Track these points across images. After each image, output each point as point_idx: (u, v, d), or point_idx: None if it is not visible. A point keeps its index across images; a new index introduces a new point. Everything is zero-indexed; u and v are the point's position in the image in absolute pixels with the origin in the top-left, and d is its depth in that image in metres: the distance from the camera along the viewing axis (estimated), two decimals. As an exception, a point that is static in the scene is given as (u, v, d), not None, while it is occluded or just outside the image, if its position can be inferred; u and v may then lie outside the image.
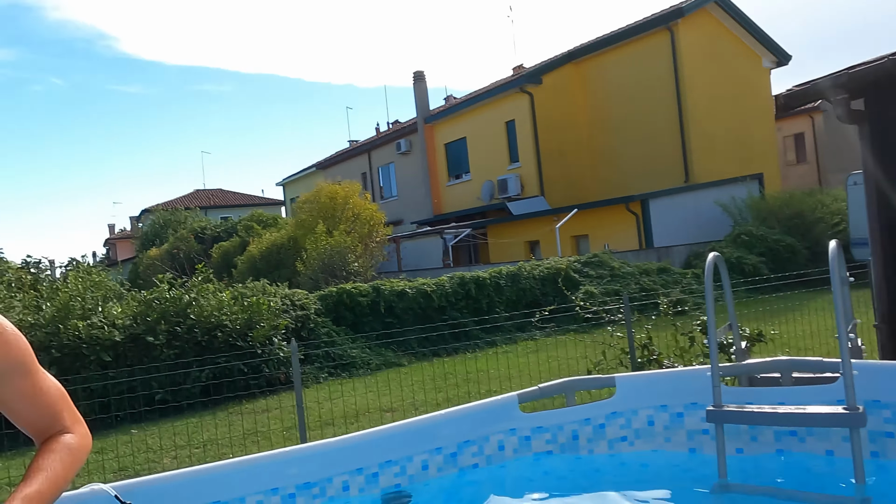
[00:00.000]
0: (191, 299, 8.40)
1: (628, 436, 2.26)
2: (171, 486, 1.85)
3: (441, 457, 2.13)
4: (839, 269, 1.87)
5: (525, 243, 18.60)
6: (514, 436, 2.22)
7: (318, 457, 1.99)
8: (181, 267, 19.24)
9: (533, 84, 20.78)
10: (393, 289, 10.65)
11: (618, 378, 2.29)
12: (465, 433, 2.16)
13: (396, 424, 2.11)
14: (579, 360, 6.65)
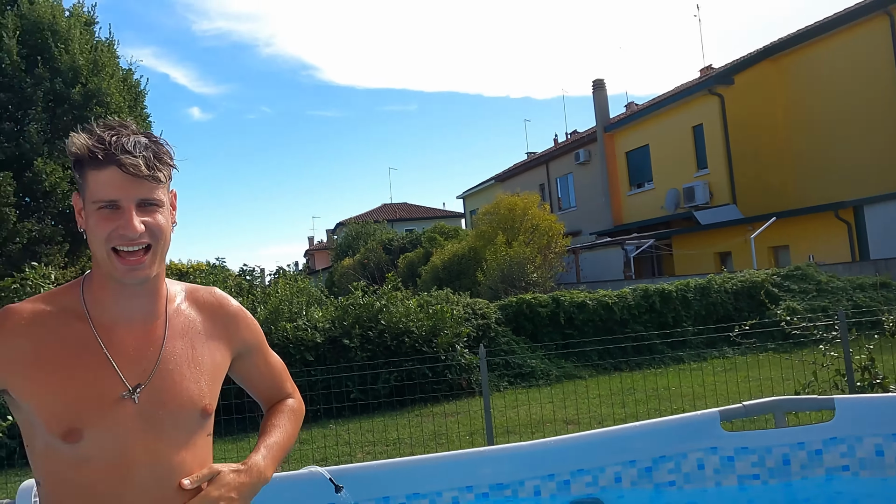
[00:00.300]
0: (381, 306, 8.95)
1: (851, 465, 2.03)
2: (376, 474, 1.99)
3: (635, 470, 2.07)
4: None
5: (715, 255, 17.41)
6: (714, 455, 2.09)
7: (511, 458, 2.03)
8: (371, 276, 20.60)
9: (723, 85, 19.46)
10: (573, 300, 10.52)
11: (838, 400, 2.06)
12: (661, 448, 2.08)
13: (589, 433, 2.08)
14: (783, 381, 6.08)
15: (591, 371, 9.72)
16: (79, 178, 1.20)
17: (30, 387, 1.16)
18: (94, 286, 1.24)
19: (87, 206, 1.18)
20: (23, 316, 1.19)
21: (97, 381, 1.17)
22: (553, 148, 30.36)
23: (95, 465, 1.15)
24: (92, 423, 1.15)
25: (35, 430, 1.18)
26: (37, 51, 13.52)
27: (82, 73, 13.82)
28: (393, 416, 7.84)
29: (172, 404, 1.22)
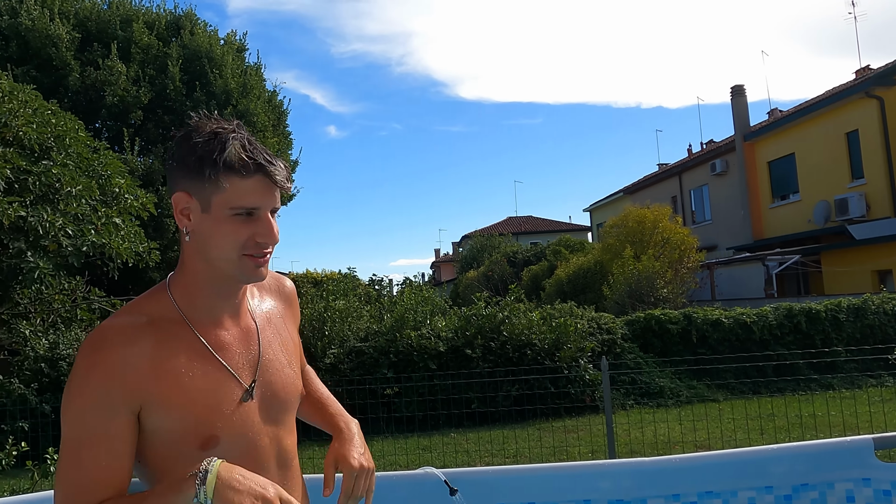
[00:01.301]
0: (504, 317, 8.93)
1: None
2: (491, 480, 1.96)
3: (772, 497, 1.89)
4: None
5: (872, 273, 15.79)
6: (867, 487, 1.86)
7: (633, 474, 1.92)
8: (495, 288, 20.64)
9: (883, 86, 17.68)
10: (706, 317, 9.94)
11: None
12: (803, 475, 1.89)
13: (720, 453, 1.93)
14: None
15: (725, 393, 9.12)
16: (203, 182, 1.15)
17: (161, 397, 1.13)
18: (186, 290, 1.22)
19: (214, 211, 1.15)
20: (126, 331, 1.14)
21: (219, 386, 1.18)
22: (687, 158, 28.99)
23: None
24: (225, 427, 1.17)
25: (162, 444, 1.15)
26: (196, 76, 14.89)
27: (233, 96, 15.05)
28: (513, 428, 7.77)
29: (282, 393, 1.28)
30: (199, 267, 1.20)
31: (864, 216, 18.00)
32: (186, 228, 1.18)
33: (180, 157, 1.17)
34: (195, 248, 1.19)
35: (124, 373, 1.11)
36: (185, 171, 1.17)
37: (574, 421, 7.89)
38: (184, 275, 1.22)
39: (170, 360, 1.15)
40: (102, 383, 1.10)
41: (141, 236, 8.40)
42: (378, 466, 6.32)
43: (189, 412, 1.14)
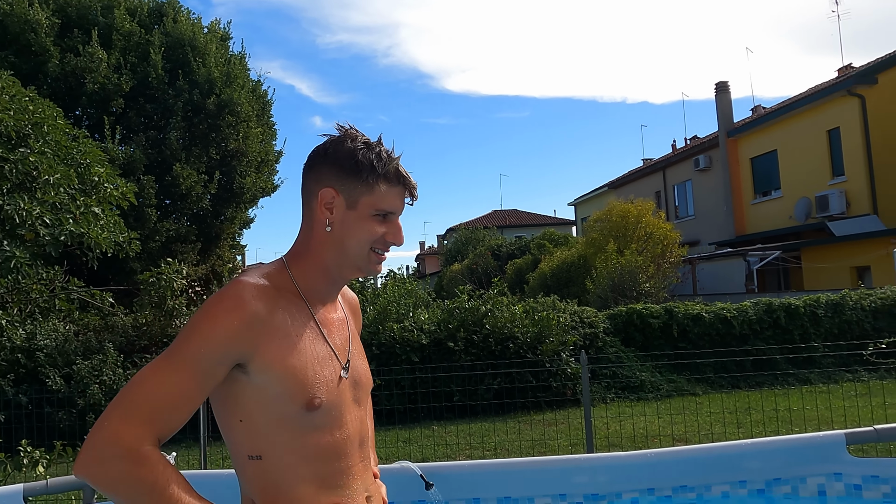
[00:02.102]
0: (486, 310, 8.93)
1: None
2: (468, 475, 1.96)
3: (745, 491, 1.91)
4: None
5: (851, 269, 16.00)
6: (839, 482, 1.88)
7: (609, 469, 1.93)
8: (479, 281, 20.66)
9: (865, 85, 17.89)
10: (688, 312, 10.02)
11: None
12: (777, 469, 1.91)
13: (695, 447, 1.94)
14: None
15: (704, 387, 9.21)
16: (354, 182, 1.30)
17: (278, 356, 1.24)
18: (307, 271, 1.35)
19: (359, 209, 1.31)
20: (259, 289, 1.25)
21: (323, 358, 1.31)
22: (671, 154, 29.17)
23: (325, 432, 1.29)
24: (326, 395, 1.28)
25: (268, 402, 1.24)
26: (178, 65, 14.70)
27: (217, 85, 14.87)
28: (494, 421, 7.80)
29: (363, 380, 1.42)
30: (327, 254, 1.34)
31: (844, 213, 18.24)
32: (329, 220, 1.32)
33: (335, 158, 1.32)
34: (331, 237, 1.33)
35: (251, 325, 1.21)
36: (338, 171, 1.31)
37: (555, 414, 7.93)
38: (307, 258, 1.35)
39: (288, 325, 1.27)
40: (231, 326, 1.20)
41: (121, 226, 8.30)
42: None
43: (299, 374, 1.25)
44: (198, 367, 1.18)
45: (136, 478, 1.12)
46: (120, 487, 1.12)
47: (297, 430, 1.25)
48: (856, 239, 16.05)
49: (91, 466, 1.12)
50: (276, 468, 1.26)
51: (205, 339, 1.19)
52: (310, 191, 1.35)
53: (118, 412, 1.15)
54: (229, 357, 1.21)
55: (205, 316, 1.21)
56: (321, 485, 1.28)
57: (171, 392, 1.17)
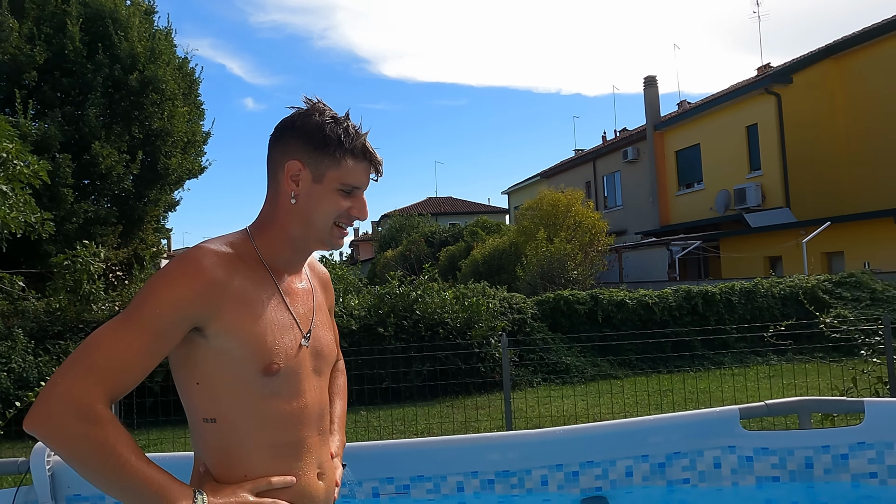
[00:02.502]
0: (417, 296, 8.96)
1: (879, 472, 1.91)
2: (381, 454, 1.97)
3: (647, 465, 2.00)
4: None
5: (764, 259, 16.88)
6: (732, 454, 2.00)
7: (519, 446, 1.98)
8: (412, 268, 20.67)
9: (781, 84, 18.81)
10: (612, 298, 10.35)
11: (868, 403, 1.95)
12: (676, 444, 2.01)
13: (600, 425, 2.02)
14: (824, 390, 5.84)
15: (627, 371, 9.55)
16: (321, 156, 1.32)
17: (237, 321, 1.24)
18: (271, 241, 1.36)
19: (325, 183, 1.32)
20: (220, 255, 1.27)
21: (284, 324, 1.32)
22: (601, 145, 29.90)
23: (282, 399, 1.30)
24: (285, 361, 1.29)
25: (226, 365, 1.25)
26: (98, 38, 13.95)
27: (140, 61, 14.21)
28: (424, 405, 7.86)
29: (325, 350, 1.42)
30: (291, 225, 1.35)
31: (759, 205, 19.19)
32: (294, 192, 1.33)
33: (303, 131, 1.33)
34: (296, 209, 1.33)
35: (209, 290, 1.22)
36: (305, 143, 1.33)
37: (483, 398, 8.06)
38: (272, 228, 1.36)
39: (248, 291, 1.28)
40: (189, 290, 1.21)
41: (32, 206, 7.84)
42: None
43: (258, 339, 1.26)
44: (153, 328, 1.19)
45: (86, 436, 1.12)
46: (69, 444, 1.12)
47: (253, 395, 1.26)
48: (769, 230, 16.92)
49: (42, 422, 1.12)
50: (230, 432, 1.27)
51: (161, 302, 1.19)
52: (276, 162, 1.35)
53: (72, 371, 1.14)
54: (185, 320, 1.22)
55: (163, 279, 1.22)
56: (274, 454, 1.28)
57: (126, 353, 1.17)
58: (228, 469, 1.27)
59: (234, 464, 1.27)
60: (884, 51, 17.83)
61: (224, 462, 1.27)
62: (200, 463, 1.30)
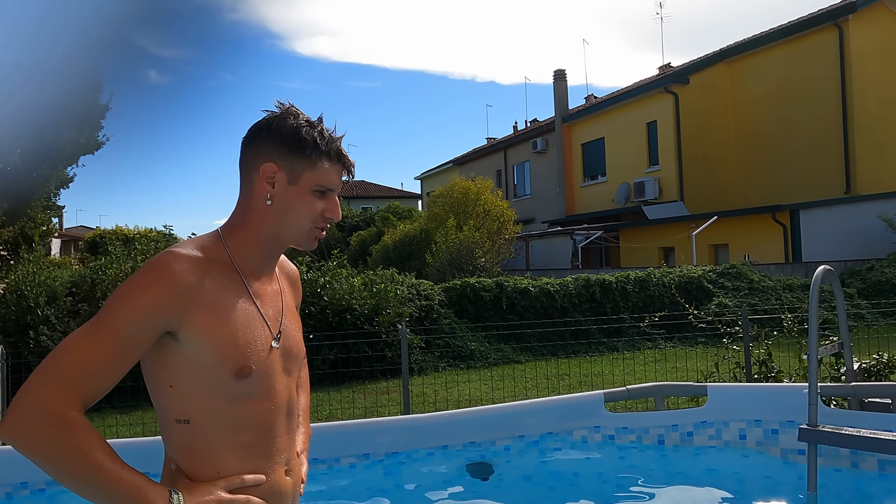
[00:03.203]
0: (325, 282, 8.98)
1: (717, 446, 2.21)
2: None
3: (523, 444, 2.21)
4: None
5: (659, 249, 17.92)
6: (598, 433, 2.25)
7: (407, 429, 2.15)
8: (321, 252, 20.48)
9: (679, 84, 19.92)
10: (516, 286, 10.74)
11: (710, 387, 2.25)
12: (549, 425, 2.23)
13: (483, 409, 2.21)
14: (700, 372, 6.39)
15: (528, 356, 9.97)
16: (297, 158, 1.34)
17: (208, 325, 1.26)
18: (243, 243, 1.38)
19: (300, 185, 1.35)
20: (190, 260, 1.29)
21: (255, 327, 1.34)
22: (512, 135, 30.57)
23: (253, 401, 1.32)
24: (257, 363, 1.31)
25: (196, 369, 1.27)
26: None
27: (28, 26, 13.28)
28: (329, 390, 7.92)
29: (294, 350, 1.45)
30: (265, 227, 1.37)
31: (656, 199, 20.31)
32: (270, 194, 1.35)
33: (279, 134, 1.35)
34: (271, 211, 1.36)
35: (179, 295, 1.24)
36: (280, 146, 1.35)
37: (388, 383, 8.22)
38: (244, 230, 1.38)
39: (219, 295, 1.30)
40: (159, 296, 1.23)
41: None
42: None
43: (230, 342, 1.28)
44: (124, 334, 1.21)
45: (61, 442, 1.14)
46: (44, 451, 1.14)
47: (225, 398, 1.29)
48: (664, 223, 17.97)
49: (16, 430, 1.14)
50: (202, 433, 1.29)
51: (131, 308, 1.22)
52: (249, 164, 1.37)
53: (44, 377, 1.16)
54: (156, 326, 1.24)
55: (133, 285, 1.25)
56: (245, 453, 1.32)
57: (97, 359, 1.19)
58: (201, 468, 1.30)
59: (206, 462, 1.30)
60: (768, 58, 19.23)
61: (196, 461, 1.30)
62: (171, 461, 1.33)
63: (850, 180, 17.01)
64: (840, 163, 17.19)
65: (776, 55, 18.98)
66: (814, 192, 17.09)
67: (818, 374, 2.00)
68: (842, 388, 2.29)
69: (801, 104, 18.07)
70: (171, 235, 17.36)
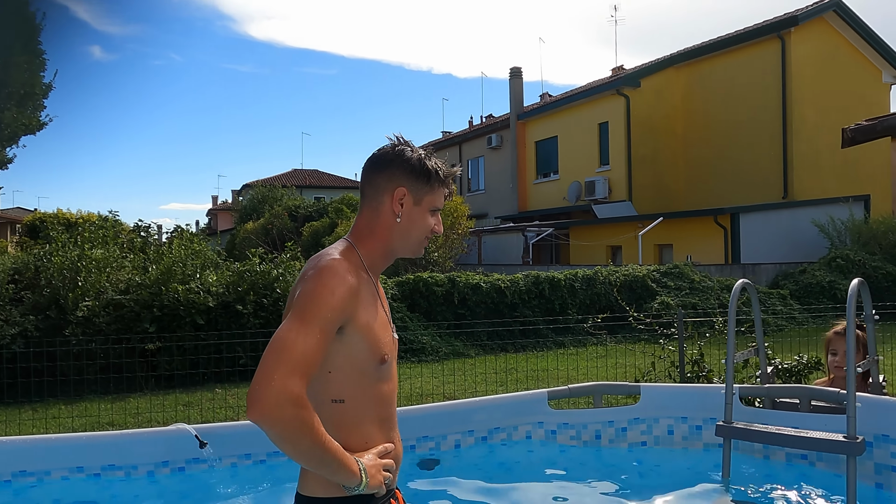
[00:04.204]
0: (278, 274, 8.99)
1: (648, 441, 2.43)
2: (240, 433, 2.19)
3: (472, 439, 2.38)
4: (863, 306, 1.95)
5: (607, 248, 18.43)
6: (541, 428, 2.43)
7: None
8: (273, 242, 20.30)
9: (630, 87, 20.45)
10: (468, 281, 10.93)
11: (643, 387, 2.45)
12: (497, 420, 2.40)
13: (434, 405, 2.37)
14: (639, 369, 6.69)
15: (478, 350, 10.19)
16: (421, 184, 1.64)
17: (367, 320, 1.55)
18: (372, 252, 1.65)
19: (422, 205, 1.65)
20: (349, 265, 1.56)
21: (385, 321, 1.64)
22: (468, 130, 30.79)
23: (387, 384, 1.63)
24: (389, 352, 1.61)
25: (354, 356, 1.54)
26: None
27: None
28: (281, 383, 7.97)
29: (397, 345, 1.73)
30: (392, 239, 1.65)
31: (606, 198, 20.84)
32: (399, 213, 1.64)
33: (408, 163, 1.64)
34: (399, 226, 1.65)
35: (353, 295, 1.52)
36: (409, 173, 1.64)
37: (340, 375, 8.30)
38: (373, 240, 1.65)
39: (366, 295, 1.59)
40: (343, 296, 1.50)
41: None
42: (134, 423, 6.15)
43: (377, 336, 1.58)
44: (325, 328, 1.47)
45: (301, 419, 1.39)
46: (291, 428, 1.38)
47: (371, 380, 1.58)
48: (613, 222, 18.48)
49: (268, 412, 1.37)
50: (354, 410, 1.57)
51: (329, 306, 1.48)
52: (380, 187, 1.65)
53: (280, 367, 1.40)
54: (342, 320, 1.51)
55: (324, 286, 1.50)
56: (381, 426, 1.62)
57: (313, 349, 1.44)
58: (354, 439, 1.57)
59: (354, 433, 1.57)
60: (715, 65, 19.93)
61: (347, 432, 1.56)
62: None
63: (788, 186, 17.83)
64: (779, 169, 17.99)
65: (723, 63, 19.70)
66: (754, 196, 17.85)
67: (734, 376, 2.23)
68: (757, 389, 2.54)
69: (745, 111, 18.82)
70: (117, 221, 16.92)
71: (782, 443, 2.08)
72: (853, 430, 1.93)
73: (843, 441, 1.93)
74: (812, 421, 2.21)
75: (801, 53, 17.94)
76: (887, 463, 2.11)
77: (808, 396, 2.32)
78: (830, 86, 18.08)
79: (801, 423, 2.22)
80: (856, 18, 18.66)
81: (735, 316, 2.33)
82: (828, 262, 13.92)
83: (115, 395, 7.31)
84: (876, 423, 2.09)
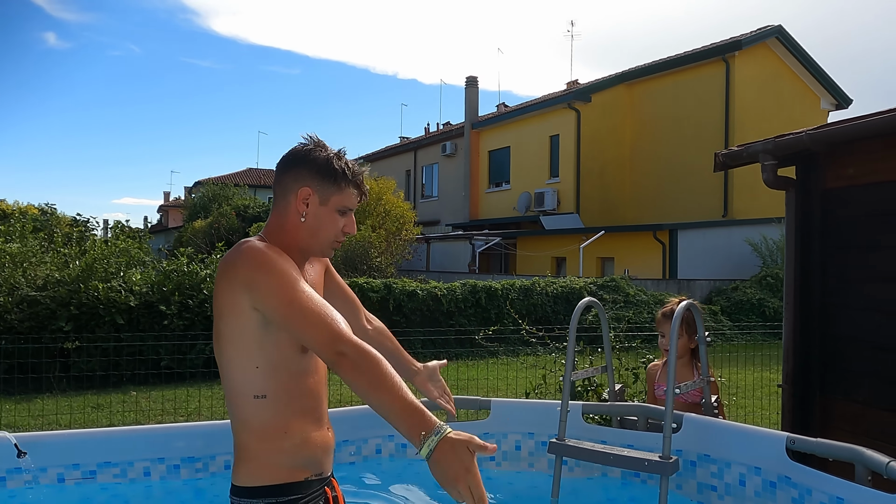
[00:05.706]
0: (206, 275, 8.82)
1: (496, 456, 2.44)
2: (68, 442, 2.13)
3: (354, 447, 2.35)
4: (684, 330, 1.99)
5: (552, 259, 18.64)
6: (391, 441, 2.42)
7: (204, 435, 2.24)
8: (212, 243, 19.92)
9: (582, 101, 20.78)
10: (404, 288, 10.91)
11: (493, 402, 2.47)
12: (345, 433, 2.39)
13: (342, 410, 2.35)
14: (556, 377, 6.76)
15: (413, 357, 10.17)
16: (328, 184, 1.65)
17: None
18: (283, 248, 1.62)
19: (329, 205, 1.66)
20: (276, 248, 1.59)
21: None
22: (424, 136, 30.83)
23: (311, 377, 1.63)
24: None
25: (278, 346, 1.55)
26: None
27: None
28: (201, 386, 7.80)
29: None
30: (300, 237, 1.67)
31: (555, 209, 21.09)
32: (304, 212, 1.65)
33: (315, 163, 1.65)
34: (304, 226, 1.66)
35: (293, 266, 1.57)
36: (315, 173, 1.65)
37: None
38: (282, 237, 1.66)
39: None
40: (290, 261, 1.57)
41: None
42: (35, 426, 5.88)
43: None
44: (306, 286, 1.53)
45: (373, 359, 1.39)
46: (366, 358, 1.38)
47: (294, 374, 1.58)
48: (559, 233, 18.71)
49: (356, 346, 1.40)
50: (275, 405, 1.57)
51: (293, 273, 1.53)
52: (287, 186, 1.66)
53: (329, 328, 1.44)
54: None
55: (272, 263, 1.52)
56: (306, 417, 1.62)
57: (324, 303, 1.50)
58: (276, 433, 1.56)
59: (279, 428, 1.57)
60: (662, 84, 20.41)
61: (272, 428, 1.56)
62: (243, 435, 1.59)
63: (728, 205, 18.33)
64: (720, 188, 18.49)
65: (671, 82, 20.18)
66: (696, 213, 18.29)
67: (570, 394, 2.26)
68: (600, 406, 2.58)
69: (689, 130, 19.30)
70: (54, 214, 16.43)
71: (601, 461, 2.12)
72: (668, 449, 1.98)
73: (657, 461, 1.97)
74: (649, 439, 2.26)
75: (744, 77, 18.50)
76: (707, 482, 2.17)
77: (645, 414, 2.38)
78: (771, 110, 18.67)
79: (638, 441, 2.27)
80: (797, 46, 19.33)
81: (575, 332, 2.37)
82: (759, 280, 14.34)
83: (22, 396, 7.05)
84: (700, 444, 2.15)
